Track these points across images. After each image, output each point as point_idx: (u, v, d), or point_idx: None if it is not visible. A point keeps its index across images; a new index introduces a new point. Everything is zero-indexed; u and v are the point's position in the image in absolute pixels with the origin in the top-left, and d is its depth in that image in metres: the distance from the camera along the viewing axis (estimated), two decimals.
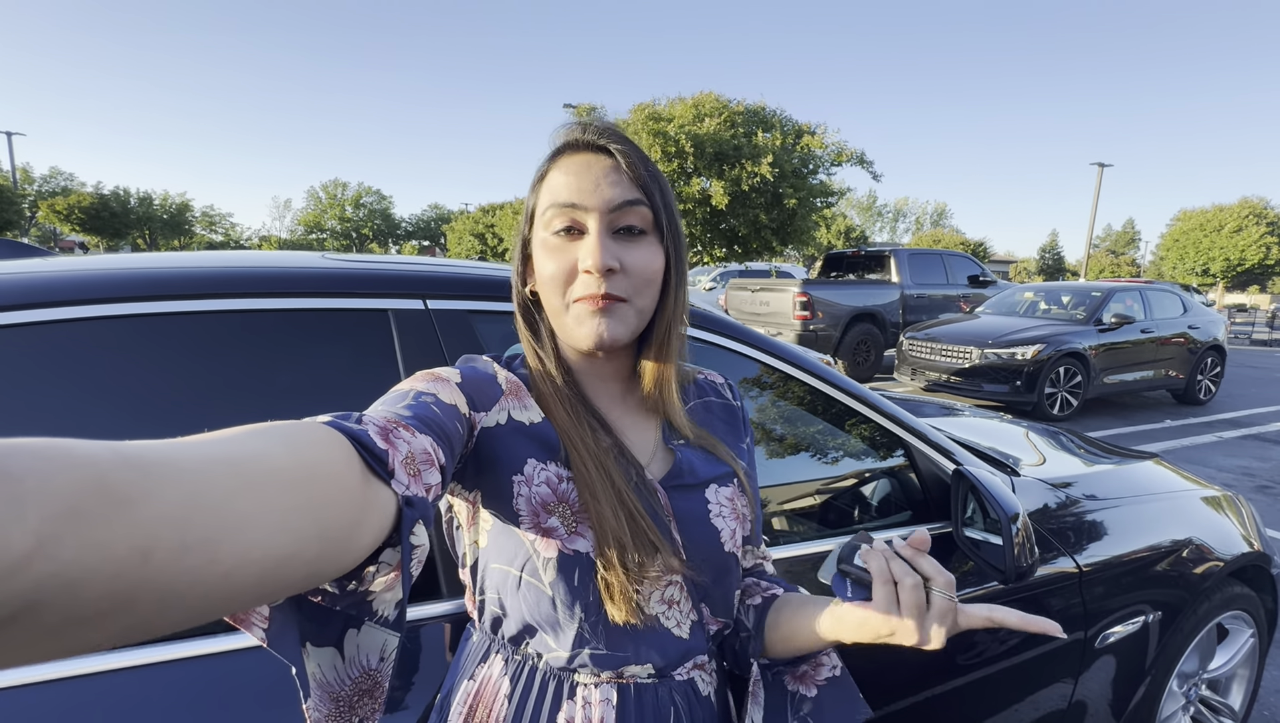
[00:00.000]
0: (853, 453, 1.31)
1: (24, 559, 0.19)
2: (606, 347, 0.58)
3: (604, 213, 0.57)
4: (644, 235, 0.59)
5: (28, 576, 0.19)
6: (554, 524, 0.56)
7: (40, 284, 0.75)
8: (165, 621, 0.25)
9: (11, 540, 0.19)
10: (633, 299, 0.58)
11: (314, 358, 0.84)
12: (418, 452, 0.43)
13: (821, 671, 0.65)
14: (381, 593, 0.40)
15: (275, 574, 0.29)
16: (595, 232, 0.57)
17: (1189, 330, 7.14)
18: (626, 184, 0.58)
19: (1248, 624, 1.68)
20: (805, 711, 0.63)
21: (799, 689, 0.64)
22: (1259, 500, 4.11)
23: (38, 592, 0.19)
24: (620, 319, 0.58)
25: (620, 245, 0.58)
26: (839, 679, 0.65)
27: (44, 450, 0.21)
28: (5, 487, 0.19)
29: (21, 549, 0.19)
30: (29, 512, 0.19)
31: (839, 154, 12.48)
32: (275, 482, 0.30)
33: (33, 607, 0.20)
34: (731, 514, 0.64)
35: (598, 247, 0.56)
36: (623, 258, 0.57)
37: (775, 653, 0.65)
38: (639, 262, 0.58)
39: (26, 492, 0.19)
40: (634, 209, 0.58)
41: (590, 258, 0.56)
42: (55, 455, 0.21)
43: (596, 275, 0.56)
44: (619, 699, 0.58)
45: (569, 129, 0.61)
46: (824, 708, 0.63)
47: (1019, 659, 1.20)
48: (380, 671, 0.42)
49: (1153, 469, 1.74)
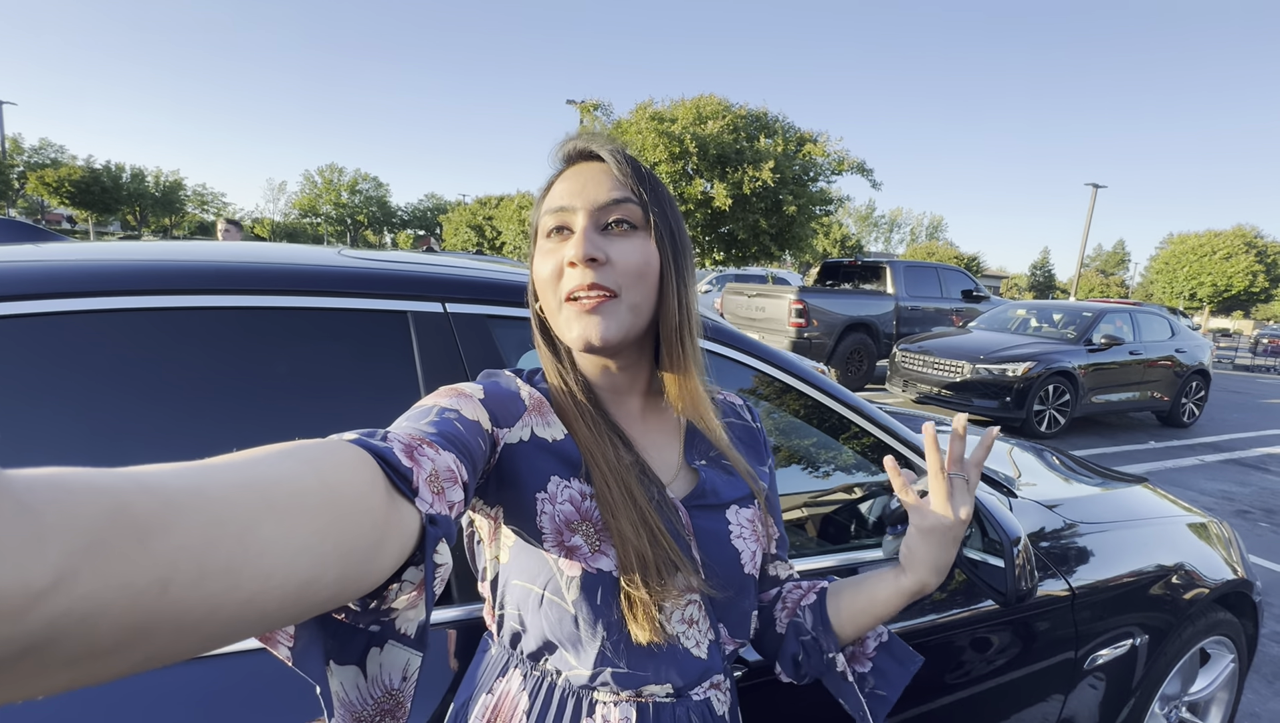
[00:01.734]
0: (848, 467, 1.32)
1: (41, 594, 0.19)
2: (596, 346, 0.57)
3: (590, 210, 0.58)
4: (633, 230, 0.59)
5: (44, 611, 0.19)
6: (577, 542, 0.56)
7: (53, 274, 0.74)
8: (184, 648, 0.24)
9: (31, 575, 0.18)
10: (623, 293, 0.57)
11: (331, 357, 0.83)
12: (441, 469, 0.43)
13: (868, 644, 0.68)
14: (404, 611, 0.40)
15: (297, 598, 0.29)
16: (580, 227, 0.57)
17: (1175, 353, 7.24)
18: (614, 184, 0.58)
19: (1229, 649, 1.72)
20: (870, 686, 0.67)
21: (855, 668, 0.68)
22: (1238, 525, 4.18)
23: (52, 627, 0.19)
24: (610, 317, 0.57)
25: (607, 239, 0.58)
26: (887, 643, 0.69)
27: (65, 481, 0.21)
28: (26, 521, 0.19)
29: (39, 586, 0.19)
30: (49, 548, 0.19)
31: (840, 163, 12.54)
32: (299, 505, 0.29)
33: (47, 642, 0.19)
34: (752, 536, 0.65)
35: (581, 238, 0.56)
36: (608, 250, 0.57)
37: (846, 638, 0.68)
38: (626, 254, 0.58)
39: (47, 527, 0.19)
40: (620, 206, 0.58)
41: (574, 249, 0.56)
42: (76, 486, 0.21)
43: (581, 266, 0.56)
44: (637, 718, 0.59)
45: (565, 144, 0.62)
46: (885, 673, 0.67)
47: (1008, 678, 1.21)
48: (403, 691, 0.42)
49: (1143, 494, 1.77)
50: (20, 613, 0.18)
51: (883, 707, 0.66)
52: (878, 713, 0.66)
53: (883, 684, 0.66)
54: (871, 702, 0.67)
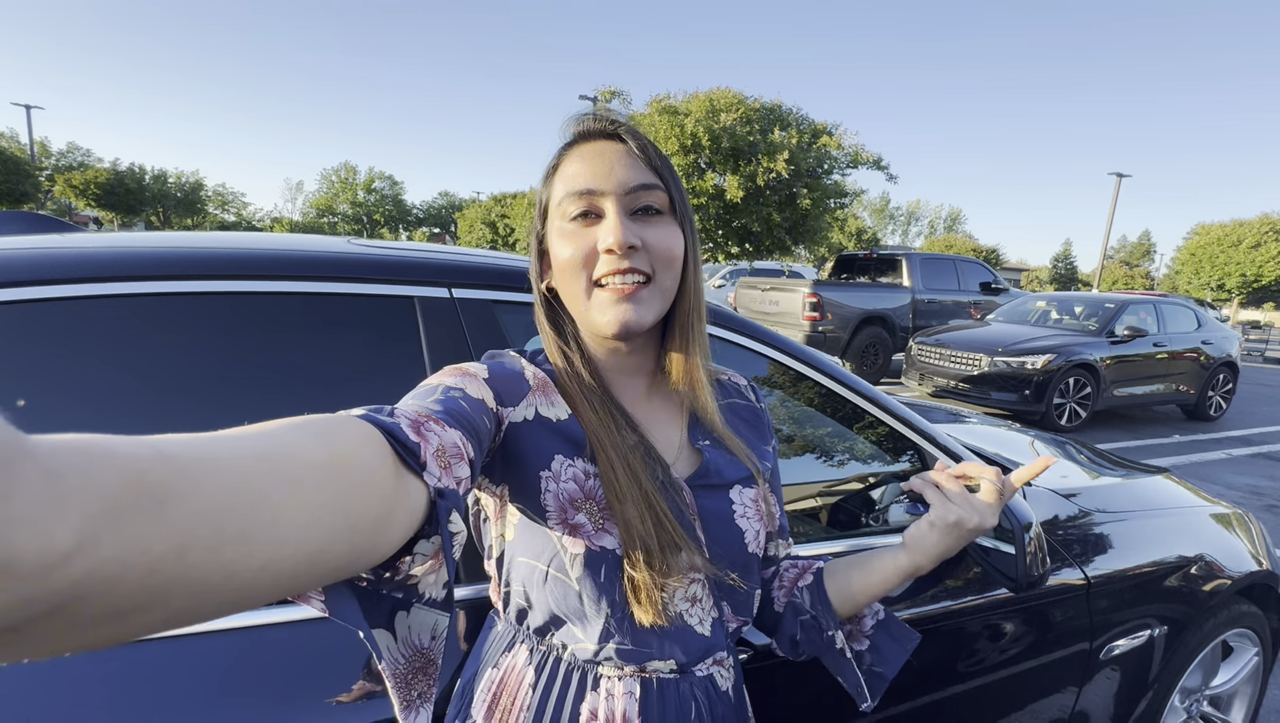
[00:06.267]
0: (862, 456, 1.31)
1: (64, 557, 0.19)
2: (632, 331, 0.58)
3: (620, 195, 0.57)
4: (661, 215, 0.60)
5: (67, 573, 0.20)
6: (581, 521, 0.57)
7: (65, 260, 0.76)
8: (200, 612, 0.25)
9: (54, 539, 0.19)
10: (657, 277, 0.58)
11: (339, 342, 0.85)
12: (448, 445, 0.44)
13: (865, 622, 0.69)
14: (425, 576, 0.41)
15: (309, 567, 0.29)
16: (614, 212, 0.57)
17: (1202, 345, 7.07)
18: (641, 168, 0.58)
19: (1253, 642, 1.68)
20: (868, 663, 0.67)
21: (853, 646, 0.68)
22: (1267, 519, 4.08)
23: (76, 588, 0.20)
24: (644, 303, 0.58)
25: (639, 225, 0.58)
26: (884, 621, 0.69)
27: (86, 447, 0.21)
28: (49, 486, 0.19)
29: (63, 548, 0.19)
30: (71, 511, 0.20)
31: (856, 155, 12.38)
32: (310, 477, 0.30)
33: (70, 602, 0.20)
34: (756, 516, 0.65)
35: (618, 224, 0.56)
36: (643, 236, 0.58)
37: (843, 615, 0.69)
38: (660, 239, 0.58)
39: (69, 490, 0.20)
40: (650, 192, 0.58)
41: (611, 235, 0.56)
42: (97, 453, 0.22)
43: (619, 253, 0.56)
44: (641, 693, 0.59)
45: (579, 119, 0.61)
46: (881, 650, 0.68)
47: (1021, 668, 1.20)
48: (433, 648, 0.43)
49: (1163, 484, 1.73)
50: (45, 574, 0.19)
51: (880, 684, 0.66)
52: (875, 690, 0.66)
53: (879, 662, 0.67)
54: (869, 679, 0.67)
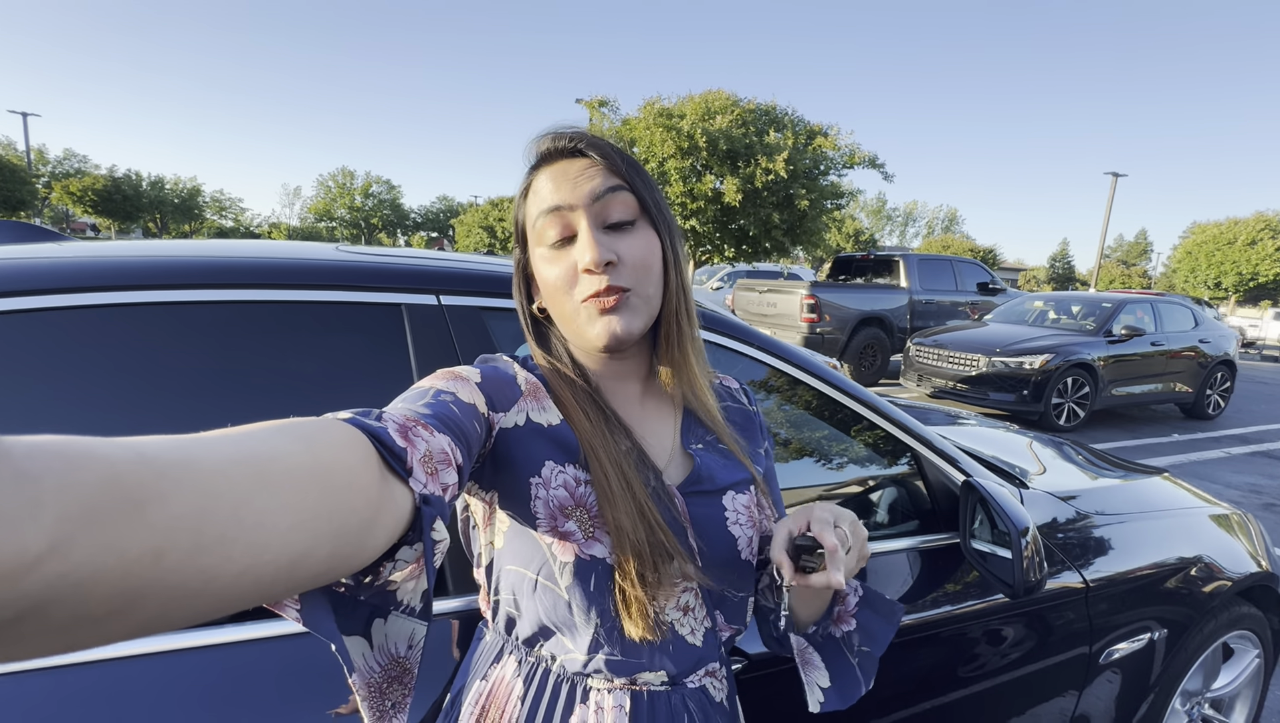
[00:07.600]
0: (859, 460, 1.30)
1: (37, 559, 0.19)
2: (622, 342, 0.58)
3: (589, 206, 0.57)
4: (634, 224, 0.59)
5: (38, 576, 0.19)
6: (571, 528, 0.56)
7: (53, 270, 0.75)
8: (176, 618, 0.25)
9: (26, 542, 0.19)
10: (636, 287, 0.58)
11: (326, 351, 0.84)
12: (435, 451, 0.43)
13: (850, 601, 0.66)
14: (404, 584, 0.40)
15: (290, 572, 0.29)
16: (586, 228, 0.57)
17: (1199, 344, 7.07)
18: (605, 175, 0.58)
19: (1254, 644, 1.67)
20: (857, 643, 0.65)
21: (843, 629, 0.66)
22: (1266, 518, 4.08)
23: (48, 591, 0.19)
24: (630, 311, 0.58)
25: (613, 238, 0.58)
26: (866, 597, 0.67)
27: (63, 449, 0.21)
28: (23, 488, 0.19)
29: (35, 551, 0.19)
30: (45, 512, 0.19)
31: (851, 156, 12.41)
32: (292, 481, 0.29)
33: (41, 606, 0.20)
34: (748, 522, 0.64)
35: (591, 242, 0.56)
36: (618, 249, 0.58)
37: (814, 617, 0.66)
38: (634, 250, 0.58)
39: (44, 492, 0.19)
40: (617, 195, 0.58)
41: (587, 254, 0.56)
42: (74, 455, 0.21)
43: (596, 271, 0.56)
44: (631, 706, 0.58)
45: (541, 140, 0.61)
46: (869, 630, 0.65)
47: (1021, 673, 1.19)
48: (409, 657, 0.42)
49: (1161, 485, 1.72)
50: (16, 577, 0.19)
51: (871, 666, 0.64)
52: (868, 673, 0.64)
53: (867, 641, 0.65)
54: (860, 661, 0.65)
